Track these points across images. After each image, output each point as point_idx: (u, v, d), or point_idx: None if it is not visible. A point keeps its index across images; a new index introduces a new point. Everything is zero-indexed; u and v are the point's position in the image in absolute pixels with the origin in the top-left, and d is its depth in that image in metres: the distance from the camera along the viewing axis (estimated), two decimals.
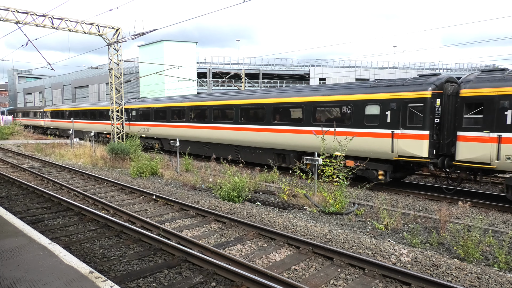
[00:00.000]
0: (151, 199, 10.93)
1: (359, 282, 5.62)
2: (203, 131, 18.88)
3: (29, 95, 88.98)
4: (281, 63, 55.83)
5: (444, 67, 59.48)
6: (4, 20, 18.55)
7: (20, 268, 4.78)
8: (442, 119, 11.04)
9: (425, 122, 10.82)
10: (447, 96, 10.95)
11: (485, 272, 5.73)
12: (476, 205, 10.19)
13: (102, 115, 28.79)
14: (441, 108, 11.05)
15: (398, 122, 11.39)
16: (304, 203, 10.34)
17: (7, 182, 13.45)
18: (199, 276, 5.67)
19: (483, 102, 9.95)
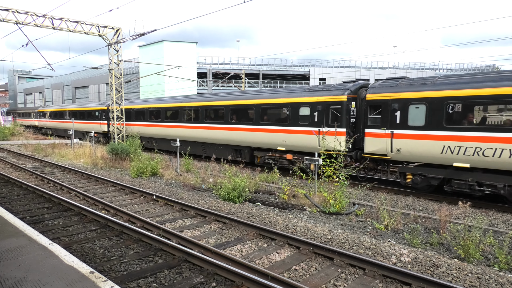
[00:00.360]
0: (151, 199, 10.93)
1: (359, 282, 5.62)
2: (175, 130, 21.26)
3: (29, 96, 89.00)
4: (281, 63, 55.84)
5: (444, 67, 59.46)
6: (4, 20, 18.56)
7: (20, 268, 4.78)
8: (357, 119, 13.15)
9: (342, 122, 13.04)
10: (360, 100, 12.97)
11: (486, 272, 5.73)
12: (476, 206, 10.20)
13: (84, 115, 32.01)
14: (356, 110, 13.18)
15: (323, 121, 13.61)
16: (305, 203, 10.34)
17: (7, 183, 13.45)
18: (200, 276, 5.67)
19: (381, 105, 12.05)
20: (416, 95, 11.24)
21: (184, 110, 20.73)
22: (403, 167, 12.02)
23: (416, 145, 11.23)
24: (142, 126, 24.42)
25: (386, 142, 11.87)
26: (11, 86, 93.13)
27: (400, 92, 11.63)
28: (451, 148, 10.42)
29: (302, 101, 14.47)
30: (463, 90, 10.25)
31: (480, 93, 9.91)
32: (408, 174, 11.90)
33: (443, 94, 10.64)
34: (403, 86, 11.74)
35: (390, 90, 11.97)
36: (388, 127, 11.81)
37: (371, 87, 12.66)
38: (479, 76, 10.46)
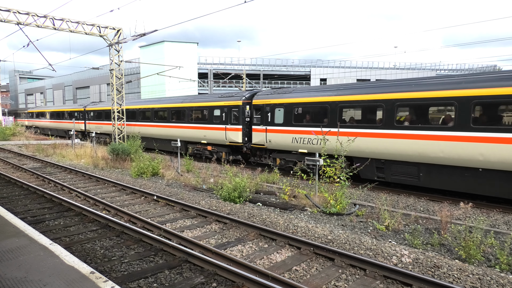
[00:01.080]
0: (152, 200, 10.93)
1: (360, 283, 5.61)
2: (135, 128, 25.15)
3: (30, 96, 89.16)
4: (282, 63, 55.88)
5: (445, 68, 59.42)
6: (5, 21, 18.59)
7: (21, 268, 4.78)
8: (250, 119, 17.30)
9: (239, 120, 17.35)
10: (252, 104, 17.11)
11: (487, 273, 5.72)
12: (477, 206, 10.18)
13: (64, 116, 37.26)
14: (250, 112, 17.34)
15: (228, 120, 17.89)
16: (305, 204, 10.33)
17: (8, 183, 13.47)
18: (200, 277, 5.67)
19: (260, 108, 16.45)
20: (278, 101, 15.62)
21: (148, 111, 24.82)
22: (274, 153, 16.15)
23: (278, 137, 15.42)
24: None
25: (263, 135, 16.15)
26: (12, 87, 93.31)
27: (269, 99, 16.05)
28: (296, 139, 14.60)
29: (215, 105, 18.82)
30: (300, 98, 14.79)
31: (303, 101, 14.67)
32: (277, 159, 15.91)
33: (293, 101, 15.04)
34: (272, 95, 16.12)
35: (265, 97, 16.38)
36: (263, 124, 16.15)
37: (257, 94, 17.11)
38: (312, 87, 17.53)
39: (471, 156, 10.05)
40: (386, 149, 11.88)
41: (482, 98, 9.96)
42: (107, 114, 28.36)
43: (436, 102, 11.02)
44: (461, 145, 10.22)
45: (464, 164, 10.30)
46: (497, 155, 9.58)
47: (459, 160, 10.33)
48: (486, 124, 9.93)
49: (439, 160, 10.74)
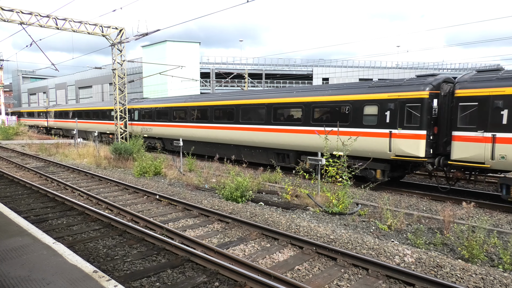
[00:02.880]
0: (154, 199, 10.95)
1: (362, 283, 5.60)
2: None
3: (33, 96, 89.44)
4: (284, 63, 55.81)
5: (448, 67, 59.23)
6: (8, 21, 18.66)
7: (24, 267, 4.80)
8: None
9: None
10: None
11: (490, 273, 5.70)
12: (480, 206, 10.14)
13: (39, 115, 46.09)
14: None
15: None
16: (307, 203, 10.32)
17: (11, 182, 13.52)
18: (203, 276, 5.68)
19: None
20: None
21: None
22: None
23: None
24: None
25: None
26: (15, 86, 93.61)
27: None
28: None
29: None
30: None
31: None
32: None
33: None
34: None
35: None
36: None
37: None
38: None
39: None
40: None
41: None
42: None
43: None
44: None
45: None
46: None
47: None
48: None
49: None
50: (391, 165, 12.15)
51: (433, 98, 11.10)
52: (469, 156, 10.23)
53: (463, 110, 10.45)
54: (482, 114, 10.07)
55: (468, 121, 10.35)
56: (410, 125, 11.28)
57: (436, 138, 11.30)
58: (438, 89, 11.18)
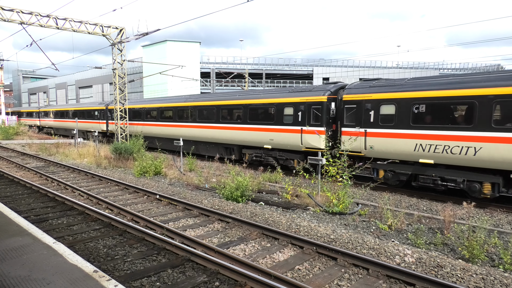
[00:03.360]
0: (154, 199, 10.95)
1: (363, 283, 5.60)
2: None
3: (33, 95, 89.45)
4: (284, 63, 55.78)
5: (449, 67, 59.18)
6: (9, 20, 18.66)
7: (25, 267, 4.80)
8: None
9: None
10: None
11: (490, 273, 5.69)
12: (481, 206, 10.14)
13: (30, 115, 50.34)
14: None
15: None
16: (308, 203, 10.32)
17: (12, 182, 13.53)
18: (203, 276, 5.67)
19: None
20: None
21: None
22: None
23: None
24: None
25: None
26: (15, 86, 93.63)
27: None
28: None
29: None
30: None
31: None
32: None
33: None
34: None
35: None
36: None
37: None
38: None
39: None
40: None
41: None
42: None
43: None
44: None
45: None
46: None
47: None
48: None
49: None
50: (305, 156, 14.32)
51: (331, 102, 13.84)
52: (351, 147, 12.51)
53: (347, 111, 13.09)
54: (358, 114, 12.70)
55: (350, 119, 12.97)
56: (314, 123, 14.06)
57: (335, 133, 13.88)
58: (335, 95, 13.96)
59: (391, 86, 12.21)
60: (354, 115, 12.80)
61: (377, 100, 12.26)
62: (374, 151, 12.28)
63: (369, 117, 12.38)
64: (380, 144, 12.10)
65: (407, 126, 11.42)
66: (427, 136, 10.83)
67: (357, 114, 12.72)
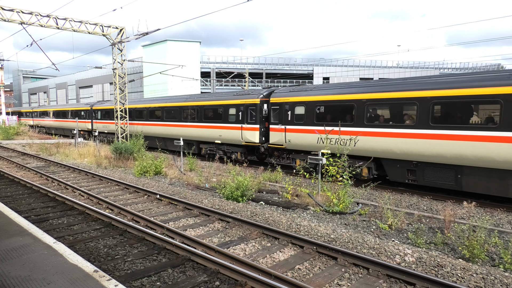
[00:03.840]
0: (155, 199, 10.95)
1: (363, 282, 5.60)
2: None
3: (33, 95, 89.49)
4: (284, 62, 55.75)
5: (449, 66, 59.14)
6: (9, 20, 18.67)
7: (25, 267, 4.81)
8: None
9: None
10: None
11: (491, 272, 5.69)
12: (481, 205, 10.14)
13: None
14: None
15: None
16: (308, 203, 10.32)
17: (12, 182, 13.53)
18: (203, 275, 5.68)
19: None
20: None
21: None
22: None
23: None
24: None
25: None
26: (16, 86, 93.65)
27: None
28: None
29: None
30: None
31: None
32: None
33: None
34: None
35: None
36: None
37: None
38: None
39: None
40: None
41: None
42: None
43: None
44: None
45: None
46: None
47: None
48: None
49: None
50: (247, 149, 17.61)
51: (263, 104, 16.56)
52: (276, 141, 15.74)
53: (273, 111, 15.97)
54: (280, 114, 15.48)
55: (275, 118, 15.85)
56: (251, 121, 16.79)
57: (267, 130, 16.46)
58: (267, 97, 16.55)
59: (302, 91, 15.14)
60: (278, 115, 15.68)
61: (293, 102, 15.03)
62: (292, 144, 15.08)
63: (287, 116, 15.13)
64: (295, 138, 14.91)
65: (312, 123, 14.15)
66: (325, 132, 12.84)
67: (279, 114, 15.56)
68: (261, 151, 17.19)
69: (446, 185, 10.72)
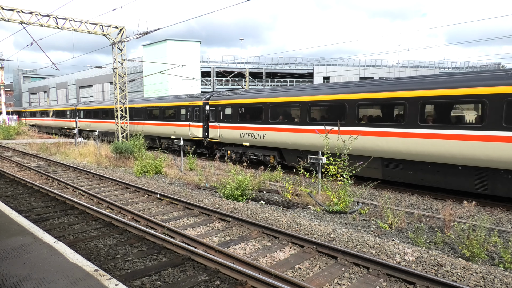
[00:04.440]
0: (155, 198, 10.96)
1: (363, 281, 5.60)
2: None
3: (34, 95, 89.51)
4: (285, 61, 55.72)
5: (449, 66, 59.10)
6: (9, 20, 18.67)
7: (25, 266, 4.82)
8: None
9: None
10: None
11: (491, 272, 5.70)
12: (481, 205, 10.15)
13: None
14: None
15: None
16: (308, 202, 10.33)
17: (12, 181, 13.55)
18: (203, 275, 5.69)
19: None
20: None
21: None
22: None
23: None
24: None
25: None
26: (16, 86, 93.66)
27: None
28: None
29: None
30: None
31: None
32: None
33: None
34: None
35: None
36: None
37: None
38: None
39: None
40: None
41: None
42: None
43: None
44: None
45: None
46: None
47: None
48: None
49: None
50: (196, 143, 20.82)
51: (205, 105, 19.71)
52: (213, 136, 19.17)
53: (211, 111, 19.28)
54: (216, 113, 18.89)
55: (212, 117, 19.18)
56: (196, 120, 20.26)
57: (207, 127, 19.75)
58: (209, 100, 19.64)
59: (231, 95, 18.51)
60: (214, 114, 18.95)
61: (224, 104, 18.45)
62: (224, 138, 18.48)
63: (220, 116, 18.51)
64: (226, 134, 18.27)
65: (236, 121, 17.61)
66: (245, 128, 17.03)
67: (215, 114, 18.84)
68: (204, 144, 20.65)
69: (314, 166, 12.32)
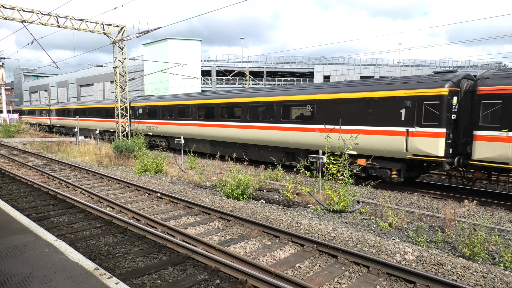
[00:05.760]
0: (155, 197, 10.97)
1: (363, 280, 5.60)
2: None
3: (34, 94, 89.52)
4: (285, 60, 55.66)
5: (450, 64, 58.98)
6: (10, 19, 18.67)
7: (26, 264, 4.82)
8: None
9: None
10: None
11: (491, 271, 5.70)
12: (482, 204, 10.14)
13: None
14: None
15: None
16: (309, 201, 10.33)
17: (13, 180, 13.56)
18: (204, 274, 5.69)
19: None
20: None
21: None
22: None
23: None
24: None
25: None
26: (17, 84, 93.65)
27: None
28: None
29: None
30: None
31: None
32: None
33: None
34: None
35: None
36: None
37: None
38: None
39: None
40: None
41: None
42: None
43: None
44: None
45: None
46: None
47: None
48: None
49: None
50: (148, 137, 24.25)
51: (140, 107, 24.87)
52: (148, 130, 24.51)
53: (132, 111, 25.45)
54: (136, 112, 25.46)
55: (134, 114, 25.56)
56: (136, 117, 25.46)
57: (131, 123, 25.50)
58: (131, 102, 25.44)
59: (142, 100, 25.04)
60: (137, 113, 24.88)
61: (137, 106, 24.88)
62: (145, 131, 23.36)
63: (135, 114, 25.18)
64: (141, 126, 24.33)
65: (144, 118, 24.04)
66: (149, 122, 23.59)
67: (136, 112, 24.83)
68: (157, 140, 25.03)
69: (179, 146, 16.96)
